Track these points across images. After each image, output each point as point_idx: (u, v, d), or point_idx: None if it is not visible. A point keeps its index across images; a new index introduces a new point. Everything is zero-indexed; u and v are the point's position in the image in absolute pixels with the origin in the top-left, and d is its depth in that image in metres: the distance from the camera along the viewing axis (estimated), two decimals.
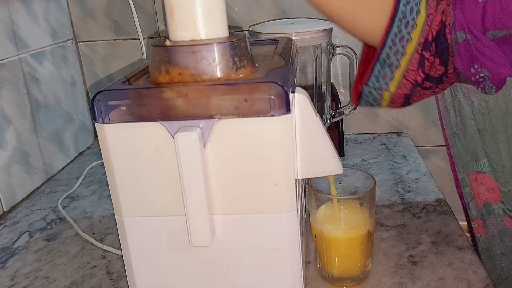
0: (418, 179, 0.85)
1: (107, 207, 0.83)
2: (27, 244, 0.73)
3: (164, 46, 0.45)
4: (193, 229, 0.45)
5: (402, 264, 0.61)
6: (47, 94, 0.98)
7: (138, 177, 0.46)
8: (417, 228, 0.69)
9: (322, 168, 0.49)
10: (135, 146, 0.45)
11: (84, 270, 0.65)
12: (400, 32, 0.57)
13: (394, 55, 0.58)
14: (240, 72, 0.46)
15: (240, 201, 0.46)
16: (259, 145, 0.43)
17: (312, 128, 0.47)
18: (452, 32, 0.56)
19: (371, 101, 0.63)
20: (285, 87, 0.42)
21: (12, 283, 0.63)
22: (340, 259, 0.57)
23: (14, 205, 0.86)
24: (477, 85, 0.58)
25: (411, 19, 0.57)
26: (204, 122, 0.43)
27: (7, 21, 0.87)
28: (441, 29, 0.56)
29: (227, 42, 0.45)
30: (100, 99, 0.44)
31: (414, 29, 0.57)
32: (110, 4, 1.08)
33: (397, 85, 0.60)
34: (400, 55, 0.58)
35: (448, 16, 0.56)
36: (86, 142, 1.14)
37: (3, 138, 0.84)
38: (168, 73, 0.45)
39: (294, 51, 0.60)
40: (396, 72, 0.59)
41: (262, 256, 0.48)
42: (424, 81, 0.59)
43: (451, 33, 0.56)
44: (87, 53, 1.13)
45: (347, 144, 1.04)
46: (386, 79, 0.60)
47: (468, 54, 0.56)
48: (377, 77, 0.60)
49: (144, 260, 0.49)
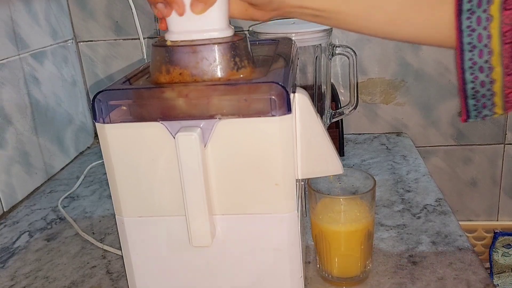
0: (418, 179, 0.85)
1: (107, 207, 0.83)
2: (27, 244, 0.73)
3: (164, 46, 0.45)
4: (193, 229, 0.45)
5: (402, 265, 0.61)
6: (47, 94, 0.98)
7: (139, 177, 0.46)
8: (417, 228, 0.69)
9: (322, 168, 0.49)
10: (135, 146, 0.45)
11: (84, 270, 0.65)
12: (476, 64, 0.50)
13: (481, 86, 0.51)
14: (241, 72, 0.46)
15: (240, 201, 0.46)
16: (259, 145, 0.43)
17: (312, 128, 0.47)
18: None
19: None
20: (285, 87, 0.42)
21: (12, 283, 0.63)
22: (340, 259, 0.57)
23: (14, 205, 0.86)
24: None
25: (483, 46, 0.49)
26: (205, 122, 0.43)
27: (7, 21, 0.87)
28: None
29: (227, 42, 0.45)
30: (101, 99, 0.44)
31: (492, 55, 0.49)
32: (110, 4, 1.08)
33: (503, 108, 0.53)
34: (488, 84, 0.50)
35: None
36: (86, 142, 1.14)
37: (3, 138, 0.84)
38: (169, 73, 0.45)
39: (294, 51, 0.60)
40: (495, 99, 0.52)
41: (262, 256, 0.48)
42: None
43: None
44: (88, 53, 1.13)
45: (347, 144, 1.04)
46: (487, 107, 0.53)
47: None
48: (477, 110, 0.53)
49: (144, 260, 0.50)
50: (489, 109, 0.52)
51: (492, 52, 0.48)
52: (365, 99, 1.10)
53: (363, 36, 1.04)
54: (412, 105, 1.09)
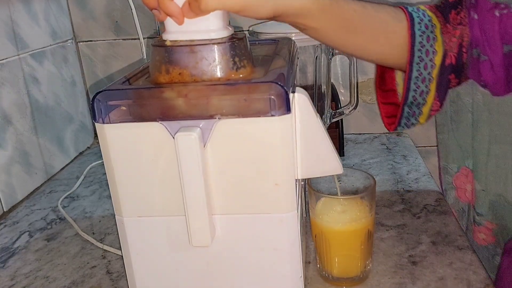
0: (418, 179, 0.85)
1: (107, 207, 0.83)
2: (27, 244, 0.73)
3: (164, 46, 0.45)
4: (193, 229, 0.45)
5: (402, 264, 0.61)
6: (47, 94, 0.98)
7: (138, 177, 0.46)
8: (417, 228, 0.69)
9: (322, 168, 0.49)
10: (135, 146, 0.45)
11: (84, 270, 0.65)
12: (421, 75, 0.59)
13: (419, 95, 0.60)
14: (240, 72, 0.46)
15: (240, 201, 0.46)
16: (259, 145, 0.43)
17: (312, 128, 0.47)
18: (469, 50, 0.59)
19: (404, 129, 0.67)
20: (285, 87, 0.42)
21: (12, 283, 0.63)
22: (340, 259, 0.57)
23: (14, 205, 0.86)
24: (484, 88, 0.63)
25: (428, 60, 0.58)
26: (204, 122, 0.43)
27: (7, 21, 0.87)
28: (459, 51, 0.59)
29: (227, 42, 0.45)
30: (100, 99, 0.44)
31: (434, 69, 0.59)
32: (110, 4, 1.08)
33: (426, 118, 0.63)
34: (425, 94, 0.60)
35: (465, 37, 0.59)
36: (86, 142, 1.14)
37: (3, 138, 0.84)
38: (168, 73, 0.45)
39: (294, 51, 0.60)
40: (424, 108, 0.62)
41: (262, 256, 0.48)
42: None
43: (467, 51, 0.59)
44: (87, 53, 1.13)
45: (347, 144, 1.04)
46: (415, 116, 0.63)
47: (477, 69, 0.60)
48: (407, 118, 0.63)
49: (144, 260, 0.49)
50: (415, 118, 0.63)
51: (434, 66, 0.58)
52: (365, 99, 1.10)
53: None
54: None
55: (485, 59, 0.59)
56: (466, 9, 0.59)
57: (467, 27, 0.59)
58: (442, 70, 0.60)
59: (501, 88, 0.61)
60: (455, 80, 0.61)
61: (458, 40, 0.59)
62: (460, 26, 0.59)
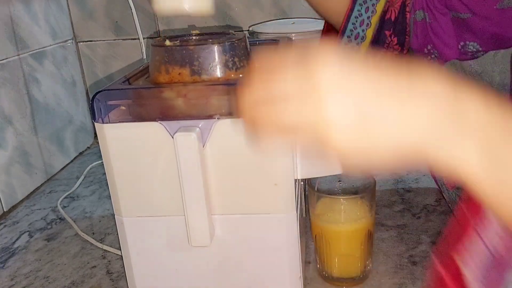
0: (418, 179, 0.85)
1: (107, 207, 0.83)
2: (27, 244, 0.73)
3: (164, 46, 0.45)
4: (192, 229, 0.45)
5: (402, 265, 0.61)
6: (47, 94, 0.98)
7: (138, 177, 0.46)
8: (417, 228, 0.69)
9: (321, 168, 0.49)
10: (134, 146, 0.45)
11: (84, 270, 0.65)
12: (360, 16, 0.60)
13: (354, 38, 0.62)
14: (240, 72, 0.46)
15: (239, 201, 0.46)
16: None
17: None
18: (412, 11, 0.60)
19: None
20: None
21: (12, 283, 0.63)
22: (340, 259, 0.57)
23: (14, 205, 0.86)
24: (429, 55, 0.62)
25: (371, 4, 0.60)
26: (204, 122, 0.43)
27: (7, 21, 0.87)
28: (401, 9, 0.60)
29: (226, 42, 0.45)
30: (100, 99, 0.44)
31: (374, 14, 0.60)
32: (110, 4, 1.08)
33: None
34: (360, 39, 0.62)
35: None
36: (86, 142, 1.14)
37: (3, 138, 0.84)
38: (168, 73, 0.45)
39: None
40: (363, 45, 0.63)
41: (261, 256, 0.48)
42: None
43: (411, 12, 0.60)
44: (87, 53, 1.13)
45: None
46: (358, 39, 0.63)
47: (423, 34, 0.60)
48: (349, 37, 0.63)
49: (144, 260, 0.49)
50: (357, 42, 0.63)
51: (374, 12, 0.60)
52: None
53: None
54: None
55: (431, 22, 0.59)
56: None
57: None
58: (381, 22, 0.60)
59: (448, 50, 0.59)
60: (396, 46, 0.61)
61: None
62: None
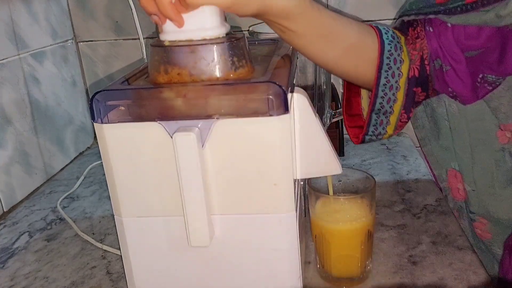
0: (418, 179, 0.85)
1: (107, 207, 0.83)
2: (27, 244, 0.73)
3: (163, 46, 0.45)
4: (191, 230, 0.45)
5: (402, 265, 0.61)
6: (47, 94, 0.98)
7: (137, 177, 0.46)
8: (417, 228, 0.69)
9: (321, 168, 0.49)
10: (134, 146, 0.45)
11: (84, 271, 0.65)
12: (389, 82, 0.61)
13: (386, 103, 0.63)
14: (239, 72, 0.46)
15: (238, 201, 0.46)
16: (257, 145, 0.43)
17: (311, 128, 0.47)
18: (430, 62, 0.62)
19: (372, 141, 0.69)
20: (283, 87, 0.41)
21: (12, 284, 0.63)
22: (340, 259, 0.57)
23: (14, 205, 0.86)
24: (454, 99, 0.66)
25: (396, 68, 0.61)
26: (203, 122, 0.43)
27: (7, 21, 0.87)
28: (421, 64, 0.62)
29: (226, 42, 0.45)
30: (99, 99, 0.44)
31: (401, 77, 0.62)
32: (110, 4, 1.08)
33: (394, 128, 0.65)
34: (392, 102, 0.63)
35: (425, 50, 0.62)
36: (86, 142, 1.14)
37: (3, 138, 0.84)
38: (167, 73, 0.45)
39: (293, 51, 0.60)
40: (391, 118, 0.64)
41: (261, 256, 0.48)
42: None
43: (429, 63, 0.62)
44: (88, 53, 1.13)
45: (347, 144, 1.04)
46: (383, 125, 0.65)
47: (443, 80, 0.62)
48: (375, 126, 0.65)
49: (143, 260, 0.49)
50: (383, 127, 0.65)
51: (401, 75, 0.61)
52: None
53: None
54: None
55: (448, 69, 0.62)
56: (421, 24, 0.62)
57: (425, 40, 0.62)
58: (408, 81, 0.62)
59: (468, 94, 0.63)
60: (422, 94, 0.64)
61: (419, 53, 0.62)
62: (418, 40, 0.62)
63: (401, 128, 0.66)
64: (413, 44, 0.62)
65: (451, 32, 0.61)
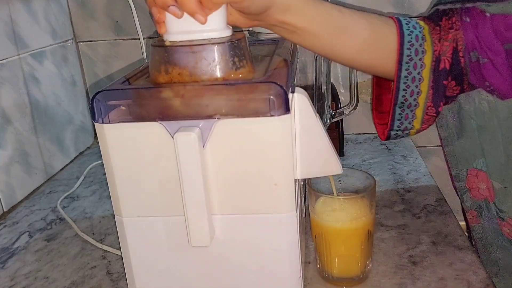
0: (418, 179, 0.85)
1: (107, 207, 0.83)
2: (27, 244, 0.73)
3: (163, 46, 0.45)
4: (192, 229, 0.45)
5: (402, 265, 0.61)
6: (47, 94, 0.98)
7: (138, 177, 0.46)
8: (417, 228, 0.69)
9: (322, 168, 0.49)
10: (134, 146, 0.45)
11: (84, 271, 0.65)
12: (411, 74, 0.59)
13: (410, 96, 0.60)
14: (240, 72, 0.46)
15: (239, 201, 0.46)
16: (258, 145, 0.43)
17: (311, 128, 0.47)
18: (466, 55, 0.59)
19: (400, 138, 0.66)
20: (284, 87, 0.42)
21: (12, 284, 0.63)
22: (340, 259, 0.57)
23: (14, 205, 0.86)
24: (492, 94, 0.63)
25: (418, 59, 0.59)
26: (204, 122, 0.43)
27: (7, 20, 0.87)
28: (454, 55, 0.59)
29: (226, 42, 0.45)
30: (100, 99, 0.44)
31: (424, 68, 0.59)
32: (110, 4, 1.08)
33: (421, 122, 0.63)
34: (416, 95, 0.60)
35: (460, 41, 0.59)
36: (86, 142, 1.14)
37: (3, 138, 0.84)
38: (168, 73, 0.45)
39: (294, 51, 0.60)
40: (417, 111, 0.62)
41: (261, 256, 0.48)
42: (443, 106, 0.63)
43: (464, 56, 0.59)
44: (88, 53, 1.13)
45: (347, 144, 1.04)
46: (408, 119, 0.63)
47: (480, 74, 0.60)
48: (400, 120, 0.63)
49: (144, 260, 0.49)
50: (409, 122, 0.62)
51: (424, 66, 0.59)
52: (365, 99, 1.10)
53: None
54: None
55: (485, 62, 0.59)
56: (457, 14, 0.60)
57: (460, 30, 0.59)
58: (436, 74, 0.60)
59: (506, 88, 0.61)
60: (456, 88, 0.62)
61: (451, 44, 0.59)
62: (452, 31, 0.59)
63: (429, 122, 0.63)
64: (444, 34, 0.59)
65: (490, 22, 0.58)
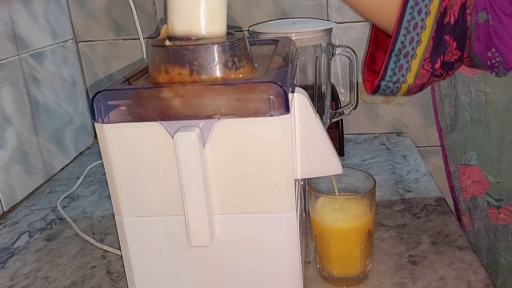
0: (418, 179, 0.85)
1: (107, 207, 0.83)
2: (27, 244, 0.73)
3: (163, 46, 0.45)
4: (192, 229, 0.45)
5: (402, 264, 0.61)
6: (47, 94, 0.98)
7: (138, 177, 0.46)
8: (417, 228, 0.69)
9: (322, 168, 0.49)
10: (134, 146, 0.45)
11: (84, 270, 0.65)
12: (414, 19, 0.56)
13: (409, 43, 0.57)
14: (240, 72, 0.46)
15: (239, 201, 0.46)
16: (258, 145, 0.43)
17: (311, 128, 0.47)
18: (473, 13, 0.56)
19: (388, 94, 0.62)
20: (284, 87, 0.42)
21: (12, 283, 0.63)
22: (340, 259, 0.57)
23: (14, 205, 0.86)
24: (491, 70, 0.59)
25: (423, 5, 0.56)
26: (203, 122, 0.43)
27: (7, 21, 0.87)
28: (461, 11, 0.56)
29: (226, 42, 0.45)
30: (100, 99, 0.44)
31: (428, 16, 0.56)
32: (110, 4, 1.08)
33: (415, 76, 0.59)
34: (415, 43, 0.57)
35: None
36: (86, 142, 1.14)
37: (3, 138, 0.84)
38: (168, 73, 0.45)
39: (294, 51, 0.60)
40: (413, 62, 0.58)
41: (261, 256, 0.48)
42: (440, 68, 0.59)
43: (472, 14, 0.56)
44: (87, 53, 1.13)
45: (347, 144, 1.04)
46: (403, 71, 0.59)
47: (486, 37, 0.56)
48: (393, 70, 0.60)
49: (144, 260, 0.49)
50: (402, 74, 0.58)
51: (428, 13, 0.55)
52: (365, 99, 1.10)
53: (363, 36, 1.04)
54: (412, 105, 1.09)
55: (495, 24, 0.56)
56: None
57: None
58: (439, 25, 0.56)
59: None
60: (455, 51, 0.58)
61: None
62: None
63: (423, 79, 0.60)
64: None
65: None
